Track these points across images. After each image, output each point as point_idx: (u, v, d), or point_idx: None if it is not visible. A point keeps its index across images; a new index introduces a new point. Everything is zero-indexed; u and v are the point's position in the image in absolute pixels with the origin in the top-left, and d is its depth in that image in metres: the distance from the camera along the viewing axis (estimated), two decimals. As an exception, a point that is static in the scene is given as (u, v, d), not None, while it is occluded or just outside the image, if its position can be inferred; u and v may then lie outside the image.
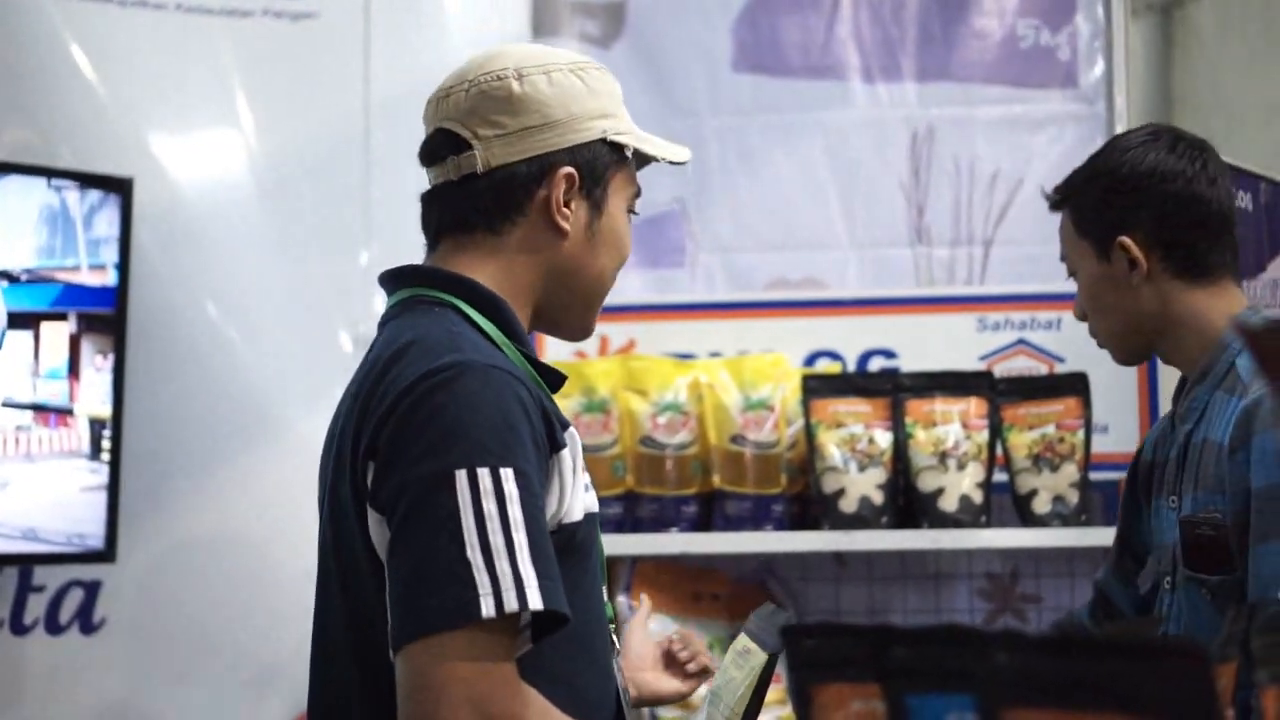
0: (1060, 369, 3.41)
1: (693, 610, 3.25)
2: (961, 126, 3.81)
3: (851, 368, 3.51)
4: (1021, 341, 3.51)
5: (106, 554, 3.14)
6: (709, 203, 3.83)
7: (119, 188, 3.15)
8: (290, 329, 3.40)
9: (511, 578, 1.62)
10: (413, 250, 2.03)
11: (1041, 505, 3.17)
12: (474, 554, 1.62)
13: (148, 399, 3.25)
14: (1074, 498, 3.15)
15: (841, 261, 3.79)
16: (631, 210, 1.94)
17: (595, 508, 1.86)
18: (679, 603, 3.24)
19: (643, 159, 1.93)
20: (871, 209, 3.80)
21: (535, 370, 1.83)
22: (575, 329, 1.97)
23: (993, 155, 3.79)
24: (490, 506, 1.64)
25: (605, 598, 1.90)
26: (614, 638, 1.92)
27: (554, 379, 1.87)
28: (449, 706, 1.59)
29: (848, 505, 3.15)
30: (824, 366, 3.51)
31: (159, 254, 3.32)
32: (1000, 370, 3.42)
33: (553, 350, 3.50)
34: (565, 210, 1.86)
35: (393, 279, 1.91)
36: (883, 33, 3.83)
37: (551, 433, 1.74)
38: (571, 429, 1.80)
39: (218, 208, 3.40)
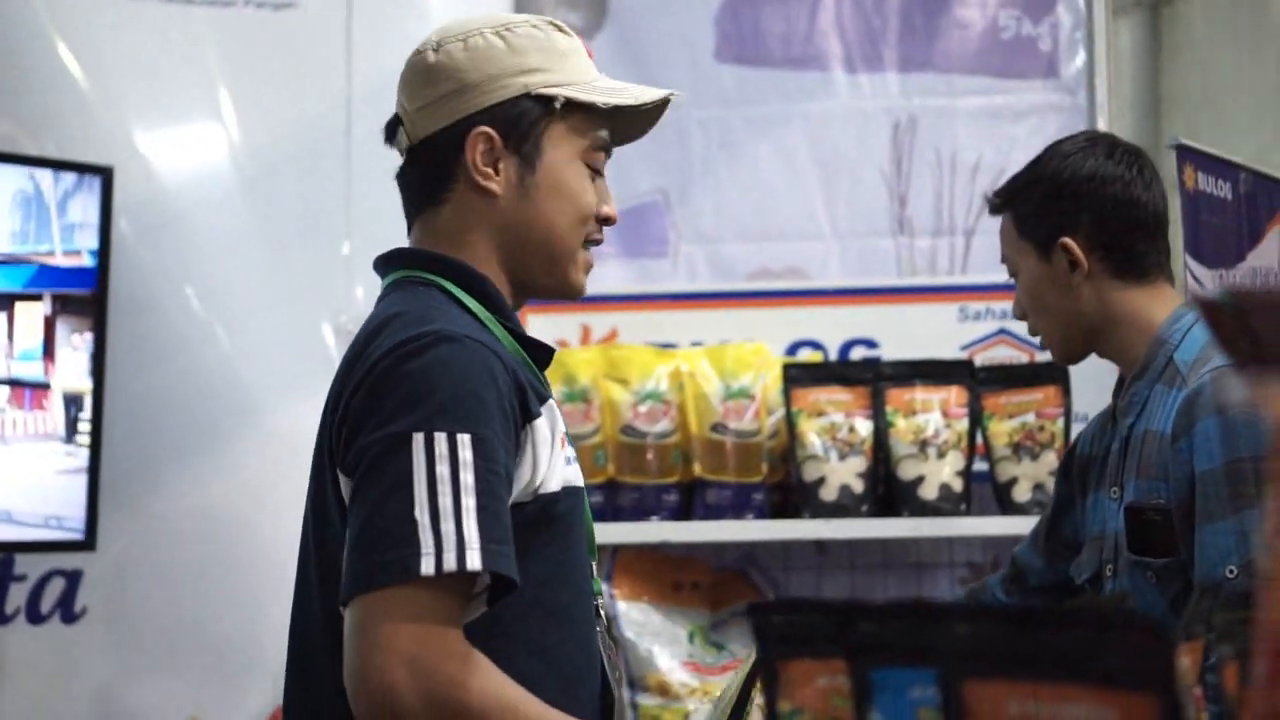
0: (1041, 358, 3.42)
1: (673, 599, 3.26)
2: (943, 117, 3.81)
3: (833, 357, 3.52)
4: (1003, 331, 3.52)
5: (86, 543, 3.14)
6: (691, 193, 3.84)
7: (99, 175, 3.15)
8: (272, 318, 3.40)
9: (455, 539, 1.64)
10: (394, 240, 2.05)
11: (1022, 493, 3.18)
12: (420, 514, 1.65)
13: (128, 387, 3.25)
14: (1053, 486, 3.15)
15: (824, 252, 3.80)
16: (592, 164, 1.90)
17: (578, 482, 1.86)
18: (660, 591, 3.25)
19: (614, 110, 1.89)
20: (853, 199, 3.80)
21: (523, 346, 1.84)
22: (553, 287, 1.93)
23: (974, 145, 3.79)
24: (443, 469, 1.66)
25: (594, 573, 1.92)
26: (601, 612, 1.93)
27: (543, 354, 1.88)
28: (385, 660, 1.62)
29: (828, 494, 3.16)
30: (806, 356, 3.51)
31: (140, 243, 3.31)
32: (982, 360, 3.43)
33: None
34: (486, 170, 1.86)
35: (383, 262, 1.94)
36: (865, 23, 3.84)
37: (525, 403, 1.75)
38: (551, 403, 1.81)
39: (199, 197, 3.40)
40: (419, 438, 1.67)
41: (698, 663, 3.19)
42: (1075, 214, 2.32)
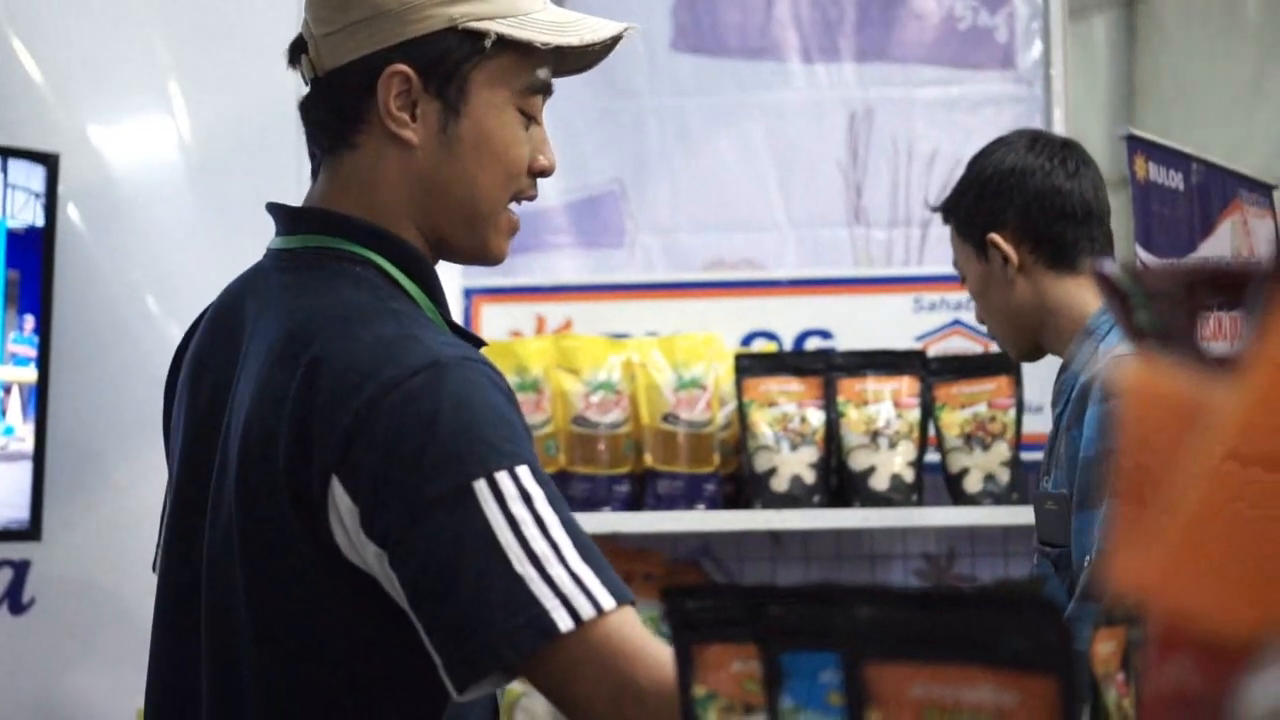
0: (994, 349, 3.41)
1: (625, 590, 3.24)
2: (900, 107, 3.81)
3: (788, 348, 3.51)
4: (957, 322, 3.51)
5: (31, 532, 3.12)
6: (648, 183, 3.82)
7: (44, 162, 3.12)
8: (222, 308, 3.38)
9: (572, 583, 1.42)
10: None
11: (973, 484, 3.17)
12: (522, 566, 1.42)
13: (74, 376, 3.23)
14: (1005, 476, 3.16)
15: (779, 242, 3.79)
16: (526, 110, 1.62)
17: None
18: (611, 582, 3.24)
19: (556, 52, 1.63)
20: (810, 189, 3.80)
21: (460, 336, 1.61)
22: (470, 251, 1.66)
23: (931, 136, 3.79)
24: (520, 511, 1.43)
25: None
26: None
27: (473, 343, 1.63)
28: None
29: (779, 484, 3.15)
30: (761, 347, 3.51)
31: (87, 230, 3.29)
32: (936, 350, 3.43)
33: (488, 328, 3.49)
34: (401, 116, 1.57)
35: (289, 217, 1.67)
36: (821, 13, 3.83)
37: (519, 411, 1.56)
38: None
39: (148, 185, 3.37)
40: (481, 485, 1.43)
41: (648, 654, 3.18)
42: (1000, 209, 2.37)
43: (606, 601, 1.42)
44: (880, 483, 3.14)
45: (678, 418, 3.20)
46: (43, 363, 3.14)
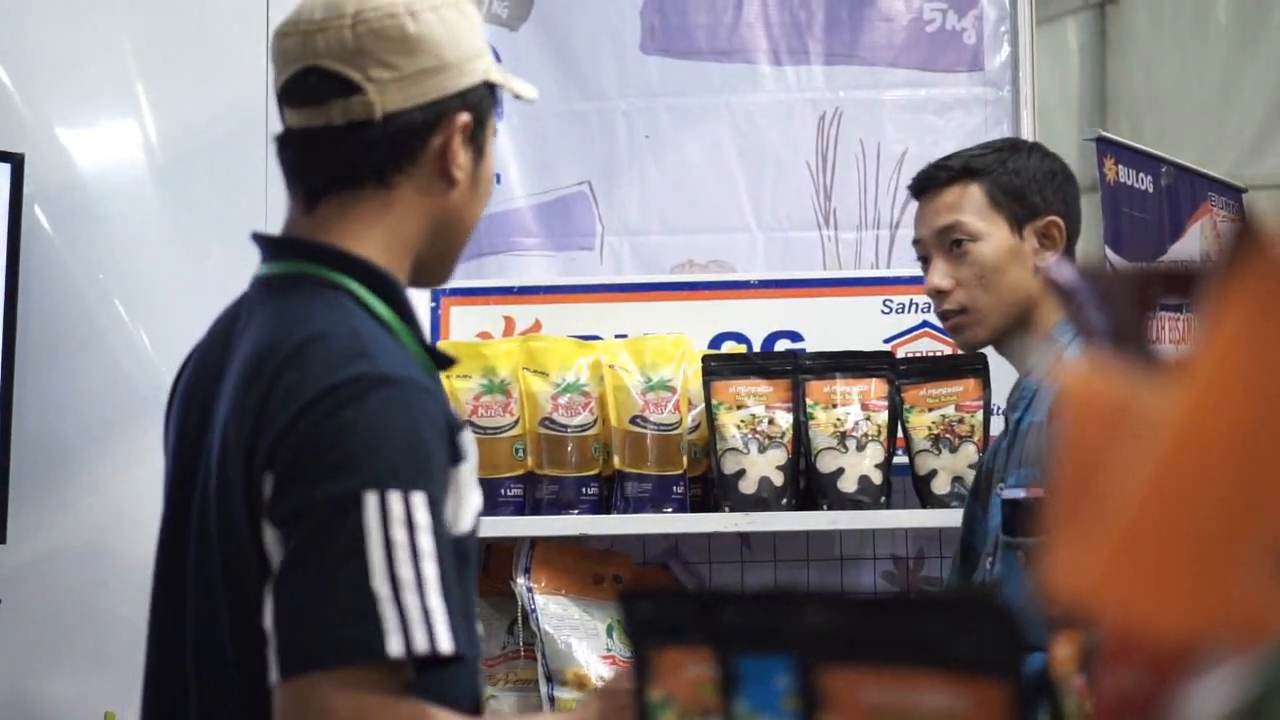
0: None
1: (593, 592, 3.24)
2: (869, 109, 3.80)
3: (758, 350, 3.50)
4: (926, 324, 3.51)
5: (-4, 535, 3.10)
6: (617, 185, 3.82)
7: (9, 161, 3.11)
8: (188, 310, 3.35)
9: (420, 613, 1.50)
10: None
11: (941, 486, 3.17)
12: (380, 584, 1.50)
13: (40, 378, 3.21)
14: (972, 479, 3.15)
15: (748, 244, 3.79)
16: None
17: (480, 505, 1.73)
18: (579, 585, 3.23)
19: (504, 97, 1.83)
20: (779, 192, 3.79)
21: (426, 353, 1.73)
22: (442, 277, 1.85)
23: (900, 138, 3.79)
24: (399, 534, 1.51)
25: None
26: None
27: (442, 360, 1.77)
28: None
29: (747, 486, 3.14)
30: (730, 349, 3.50)
31: (54, 233, 3.27)
32: (905, 352, 3.43)
33: (457, 330, 3.48)
34: (461, 159, 1.74)
35: (273, 245, 1.78)
36: (790, 16, 3.83)
37: (454, 443, 1.63)
38: (467, 430, 1.69)
39: (115, 187, 3.36)
40: (371, 498, 1.52)
41: (616, 656, 3.17)
42: (1059, 202, 2.43)
43: (444, 644, 1.50)
44: (848, 485, 3.13)
45: (646, 420, 3.20)
46: (8, 364, 3.12)
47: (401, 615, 1.50)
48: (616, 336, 3.46)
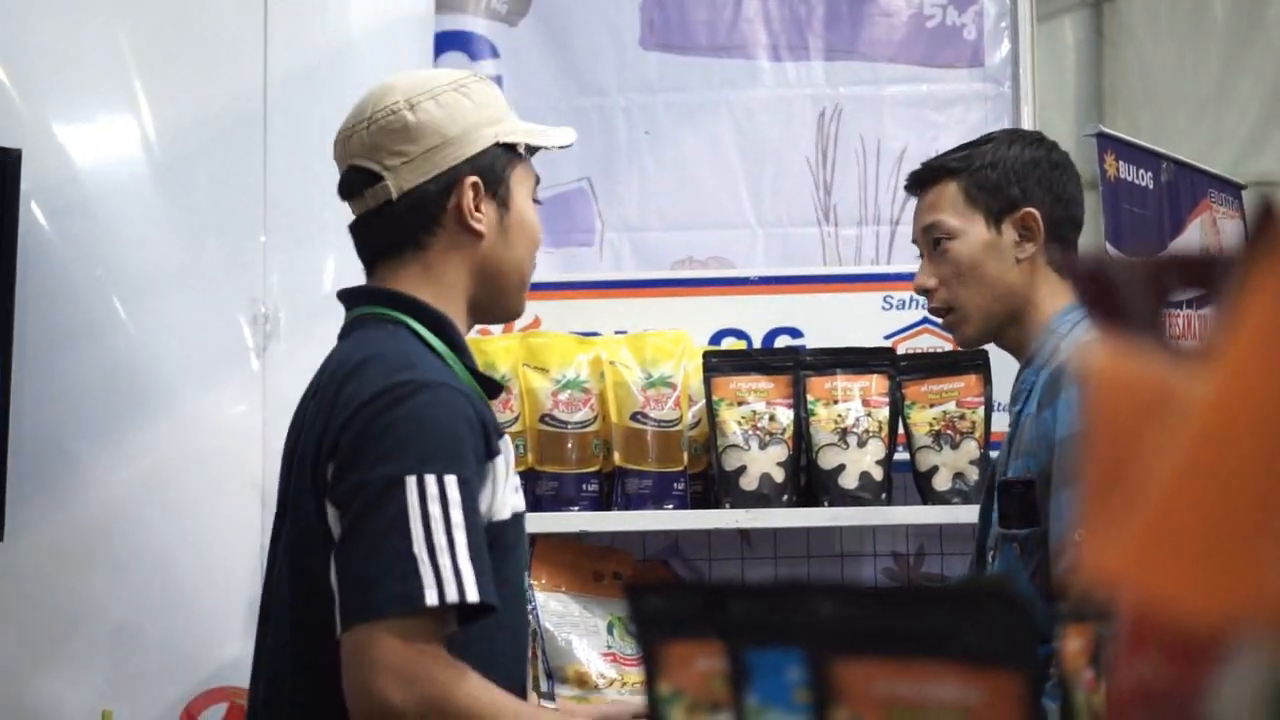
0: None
1: (594, 589, 3.23)
2: (869, 105, 3.79)
3: (758, 346, 3.49)
4: (926, 320, 3.50)
5: (-7, 533, 3.09)
6: (616, 181, 3.81)
7: (5, 157, 3.09)
8: (186, 306, 3.36)
9: (452, 572, 1.85)
10: (311, 227, 2.13)
11: (942, 482, 3.16)
12: (420, 550, 1.85)
13: (38, 374, 3.20)
14: (974, 475, 3.15)
15: (748, 240, 3.78)
16: (535, 198, 2.17)
17: (522, 507, 2.09)
18: (579, 582, 3.22)
19: (533, 149, 2.17)
20: (778, 188, 3.78)
21: (475, 379, 2.07)
22: (509, 312, 2.23)
23: (900, 134, 3.78)
24: (435, 509, 1.87)
25: (529, 581, 2.21)
26: (530, 616, 2.23)
27: (492, 387, 2.14)
28: (384, 680, 1.82)
29: (748, 483, 3.13)
30: (730, 345, 3.49)
31: (51, 228, 3.26)
32: (905, 349, 3.42)
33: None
34: (477, 215, 2.08)
35: (349, 296, 2.15)
36: (790, 11, 3.82)
37: (489, 442, 1.97)
38: (506, 437, 2.05)
39: (112, 182, 3.35)
40: (411, 480, 1.87)
41: (617, 653, 3.16)
42: (1039, 191, 2.41)
43: (472, 594, 1.85)
44: (849, 481, 3.12)
45: (646, 416, 3.19)
46: (5, 360, 3.11)
47: (437, 573, 1.84)
48: (616, 333, 3.45)
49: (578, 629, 3.16)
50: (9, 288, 3.11)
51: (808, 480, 3.18)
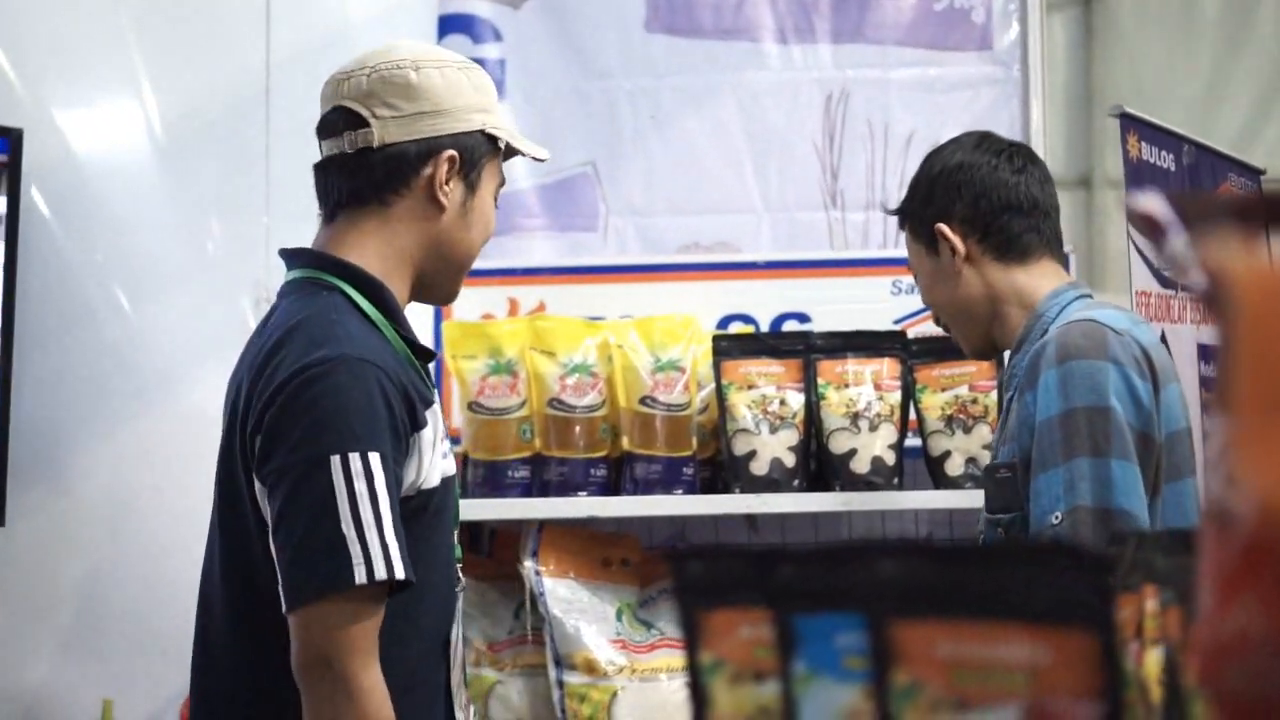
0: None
1: (602, 576, 3.19)
2: (876, 89, 3.76)
3: (765, 331, 3.46)
4: (935, 305, 3.47)
5: (-6, 518, 3.06)
6: (621, 165, 3.77)
7: (7, 137, 3.05)
8: (188, 290, 3.33)
9: (380, 549, 1.93)
10: (313, 212, 2.11)
11: (954, 467, 3.13)
12: (347, 529, 1.93)
13: (39, 359, 3.16)
14: (987, 459, 3.11)
15: (755, 225, 3.75)
16: (495, 200, 2.22)
17: (452, 470, 2.15)
18: (588, 568, 3.18)
19: (511, 151, 2.22)
20: (785, 172, 3.75)
21: (410, 348, 2.11)
22: (445, 294, 2.26)
23: (907, 118, 3.75)
24: (360, 487, 1.94)
25: (455, 541, 2.22)
26: (459, 574, 2.23)
27: (424, 354, 2.16)
28: (311, 659, 1.95)
29: (759, 467, 3.10)
30: (737, 330, 3.46)
31: (50, 213, 3.23)
32: (914, 334, 3.38)
33: (460, 312, 3.43)
34: (445, 188, 2.12)
35: (290, 256, 2.18)
36: (796, -7, 3.78)
37: (413, 414, 2.03)
38: (435, 407, 2.10)
39: (114, 165, 3.32)
40: (336, 459, 1.94)
41: (626, 640, 3.12)
42: (949, 203, 2.45)
43: (399, 572, 1.94)
44: (861, 466, 3.09)
45: (655, 400, 3.15)
46: (5, 346, 3.07)
47: (366, 552, 1.93)
48: (621, 318, 3.42)
49: (586, 615, 3.12)
50: (11, 273, 3.08)
51: (818, 465, 3.15)
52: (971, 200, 2.44)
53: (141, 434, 3.27)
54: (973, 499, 3.12)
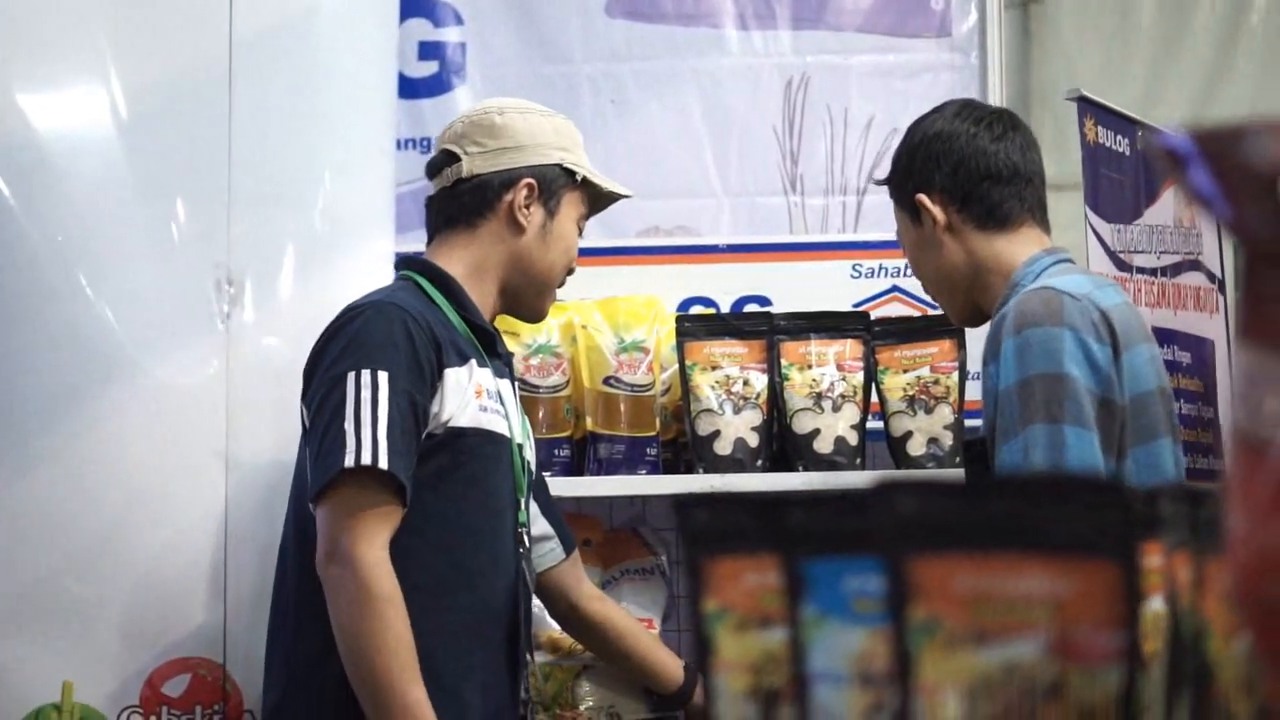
0: (934, 312, 3.39)
1: (565, 556, 3.19)
2: (836, 75, 3.79)
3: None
4: (895, 289, 3.50)
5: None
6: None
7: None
8: (149, 271, 3.29)
9: (370, 441, 2.30)
10: (276, 192, 2.11)
11: (916, 447, 3.15)
12: (349, 426, 2.31)
13: None
14: (948, 440, 3.14)
15: (715, 209, 3.76)
16: (580, 230, 2.65)
17: (498, 429, 2.49)
18: (551, 548, 3.18)
19: (593, 190, 2.64)
20: (745, 157, 3.77)
21: (471, 330, 2.50)
22: (531, 310, 2.66)
23: (866, 104, 3.78)
24: (366, 395, 2.32)
25: (523, 507, 2.53)
26: (525, 536, 2.53)
27: (486, 338, 2.54)
28: (324, 552, 2.31)
29: (722, 447, 3.11)
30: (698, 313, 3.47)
31: (9, 193, 3.20)
32: (875, 316, 3.40)
33: (422, 295, 3.43)
34: (524, 211, 2.55)
35: (396, 265, 2.71)
36: (757, -21, 3.80)
37: (440, 355, 2.40)
38: (473, 363, 2.46)
39: (74, 144, 3.28)
40: (351, 375, 2.34)
41: (590, 620, 3.12)
42: (929, 172, 2.49)
43: (382, 462, 2.29)
44: (824, 446, 3.11)
45: (619, 380, 3.16)
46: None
47: (357, 441, 2.30)
48: (579, 300, 3.42)
49: (550, 595, 3.12)
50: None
51: (782, 445, 3.16)
52: (951, 169, 2.47)
53: (100, 416, 3.24)
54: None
